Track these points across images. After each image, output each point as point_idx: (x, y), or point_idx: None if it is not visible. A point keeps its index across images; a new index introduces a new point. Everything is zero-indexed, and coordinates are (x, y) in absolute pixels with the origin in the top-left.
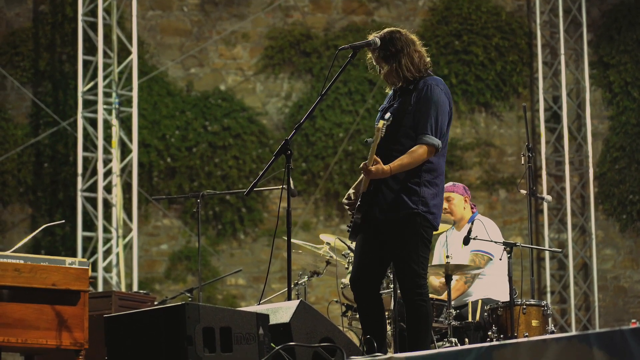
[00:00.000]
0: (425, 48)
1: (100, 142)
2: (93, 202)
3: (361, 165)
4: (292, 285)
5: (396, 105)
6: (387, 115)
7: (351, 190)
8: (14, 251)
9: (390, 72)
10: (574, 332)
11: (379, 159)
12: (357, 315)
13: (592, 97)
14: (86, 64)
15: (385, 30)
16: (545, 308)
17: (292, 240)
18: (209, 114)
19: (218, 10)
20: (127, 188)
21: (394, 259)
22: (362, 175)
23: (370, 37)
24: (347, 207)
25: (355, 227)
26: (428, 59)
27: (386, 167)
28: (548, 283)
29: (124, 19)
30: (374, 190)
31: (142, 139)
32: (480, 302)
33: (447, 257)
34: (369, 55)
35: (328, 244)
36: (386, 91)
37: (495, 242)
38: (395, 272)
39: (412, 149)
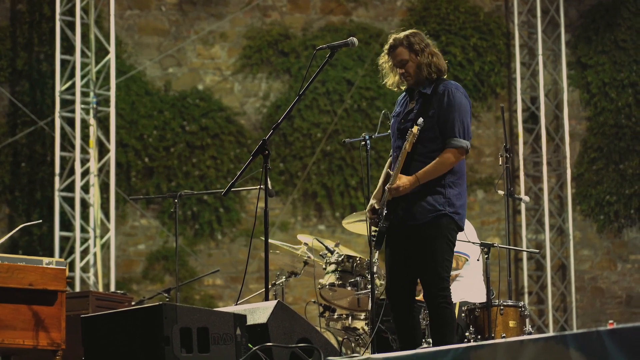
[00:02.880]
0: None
1: (77, 142)
2: (71, 202)
3: (387, 187)
4: (270, 286)
5: (416, 111)
6: (420, 120)
7: (373, 201)
8: None
9: (419, 66)
10: (551, 333)
11: (400, 174)
12: (335, 316)
13: (569, 97)
14: (64, 63)
15: (405, 32)
16: (523, 309)
17: (270, 240)
18: (186, 113)
19: (196, 9)
20: (104, 188)
21: (419, 262)
22: (380, 184)
23: (390, 39)
24: (371, 218)
25: (380, 236)
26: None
27: (412, 177)
28: (526, 284)
29: (101, 18)
30: (400, 197)
31: (119, 138)
32: (457, 304)
33: None
34: (383, 58)
35: (306, 244)
36: (401, 87)
37: (473, 243)
38: (420, 274)
39: (440, 156)
